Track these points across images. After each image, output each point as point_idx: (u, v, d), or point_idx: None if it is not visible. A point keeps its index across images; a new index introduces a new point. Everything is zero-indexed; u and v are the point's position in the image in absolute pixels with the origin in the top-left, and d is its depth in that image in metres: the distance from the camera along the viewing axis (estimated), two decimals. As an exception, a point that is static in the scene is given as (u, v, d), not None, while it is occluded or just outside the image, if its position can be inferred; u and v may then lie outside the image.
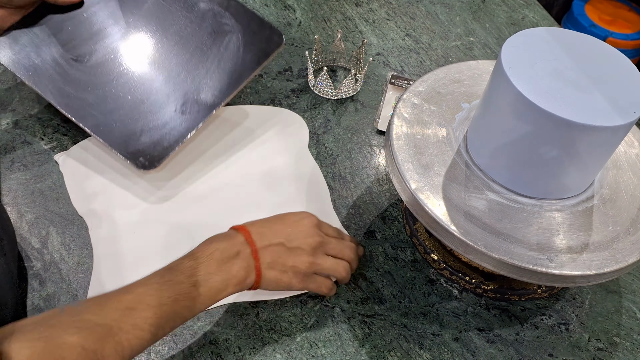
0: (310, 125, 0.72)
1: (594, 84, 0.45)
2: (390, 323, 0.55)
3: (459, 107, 0.56)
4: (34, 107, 0.71)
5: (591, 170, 0.49)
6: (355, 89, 0.76)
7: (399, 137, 0.53)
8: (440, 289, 0.58)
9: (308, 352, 0.53)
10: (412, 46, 0.85)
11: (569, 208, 0.50)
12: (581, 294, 0.59)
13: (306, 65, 0.80)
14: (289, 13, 0.89)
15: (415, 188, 0.49)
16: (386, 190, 0.66)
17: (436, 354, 0.54)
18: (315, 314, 0.55)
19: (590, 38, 0.49)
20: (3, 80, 0.74)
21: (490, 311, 0.57)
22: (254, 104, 0.74)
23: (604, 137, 0.44)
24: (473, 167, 0.52)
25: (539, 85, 0.44)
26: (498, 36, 0.89)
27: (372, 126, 0.73)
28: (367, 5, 0.92)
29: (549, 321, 0.57)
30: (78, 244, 0.59)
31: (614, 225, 0.49)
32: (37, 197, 0.62)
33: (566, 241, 0.47)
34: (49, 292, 0.55)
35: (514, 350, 0.54)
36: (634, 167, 0.54)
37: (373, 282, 0.58)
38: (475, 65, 0.60)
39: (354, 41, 0.85)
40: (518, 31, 0.49)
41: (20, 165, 0.65)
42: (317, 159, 0.68)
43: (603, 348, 0.55)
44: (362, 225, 0.63)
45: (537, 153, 0.46)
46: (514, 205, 0.49)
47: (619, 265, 0.46)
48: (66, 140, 0.68)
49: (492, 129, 0.49)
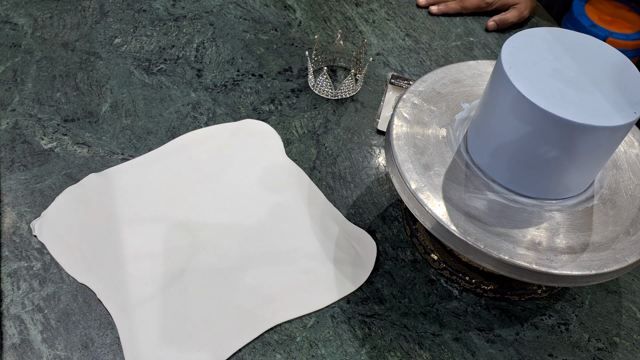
0: (310, 125, 0.72)
1: (594, 84, 0.45)
2: (390, 323, 0.55)
3: (459, 107, 0.56)
4: (34, 107, 0.71)
5: (591, 170, 0.49)
6: (355, 89, 0.76)
7: (399, 137, 0.53)
8: (440, 289, 0.58)
9: (308, 352, 0.53)
10: (412, 46, 0.85)
11: (569, 208, 0.50)
12: (581, 294, 0.59)
13: (306, 65, 0.80)
14: (289, 13, 0.89)
15: (415, 188, 0.49)
16: (386, 190, 0.66)
17: (436, 354, 0.54)
18: (315, 314, 0.55)
19: (590, 38, 0.49)
20: (3, 80, 0.74)
21: (490, 311, 0.57)
22: (254, 104, 0.74)
23: (604, 137, 0.44)
24: (473, 167, 0.52)
25: (539, 85, 0.44)
26: (498, 36, 0.89)
27: (372, 126, 0.73)
28: (367, 5, 0.92)
29: (549, 321, 0.57)
30: (78, 244, 0.59)
31: (614, 225, 0.49)
32: (37, 197, 0.62)
33: (566, 241, 0.47)
34: (49, 292, 0.55)
35: (514, 350, 0.54)
36: (634, 167, 0.54)
37: (373, 282, 0.58)
38: (475, 65, 0.60)
39: (354, 41, 0.85)
40: (518, 31, 0.49)
41: (20, 165, 0.65)
42: (317, 159, 0.68)
43: (603, 348, 0.55)
44: (362, 225, 0.62)
45: (537, 153, 0.46)
46: (514, 205, 0.49)
47: (619, 265, 0.46)
48: (66, 140, 0.68)
49: (492, 129, 0.49)
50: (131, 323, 0.53)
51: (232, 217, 0.62)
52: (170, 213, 0.61)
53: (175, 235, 0.60)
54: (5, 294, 0.54)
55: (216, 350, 0.52)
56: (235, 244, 0.59)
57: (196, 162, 0.67)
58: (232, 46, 0.82)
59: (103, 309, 0.54)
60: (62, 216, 0.60)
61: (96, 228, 0.59)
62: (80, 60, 0.78)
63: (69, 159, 0.66)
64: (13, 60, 0.77)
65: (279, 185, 0.65)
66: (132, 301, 0.54)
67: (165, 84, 0.76)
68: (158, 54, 0.80)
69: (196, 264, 0.57)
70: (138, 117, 0.71)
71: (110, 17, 0.85)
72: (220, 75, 0.78)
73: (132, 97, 0.74)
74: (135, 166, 0.66)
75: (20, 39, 0.80)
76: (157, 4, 0.88)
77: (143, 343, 0.52)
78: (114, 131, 0.69)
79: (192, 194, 0.63)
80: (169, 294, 0.55)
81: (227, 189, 0.64)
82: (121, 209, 0.61)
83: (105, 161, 0.66)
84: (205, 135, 0.70)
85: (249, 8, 0.89)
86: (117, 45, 0.81)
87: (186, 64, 0.79)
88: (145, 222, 0.60)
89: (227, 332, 0.53)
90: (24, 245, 0.58)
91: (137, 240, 0.59)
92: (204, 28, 0.85)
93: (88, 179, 0.64)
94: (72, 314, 0.53)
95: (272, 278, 0.57)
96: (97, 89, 0.74)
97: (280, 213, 0.62)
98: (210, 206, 0.63)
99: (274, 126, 0.72)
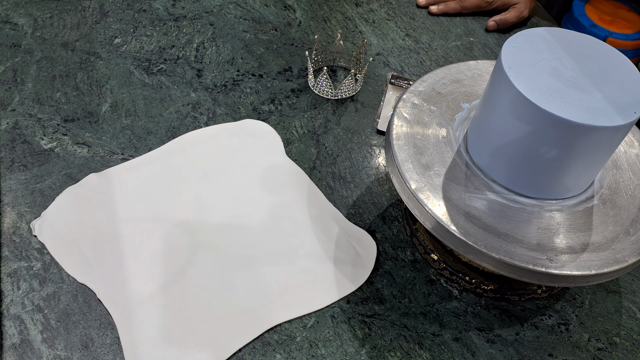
0: (310, 125, 0.72)
1: (594, 84, 0.45)
2: (390, 323, 0.55)
3: (459, 107, 0.56)
4: (34, 107, 0.71)
5: (591, 171, 0.49)
6: (355, 89, 0.76)
7: (399, 137, 0.53)
8: (440, 289, 0.58)
9: (308, 352, 0.53)
10: (412, 46, 0.85)
11: (569, 208, 0.50)
12: (581, 294, 0.59)
13: (306, 65, 0.80)
14: (289, 13, 0.89)
15: (415, 188, 0.49)
16: (386, 190, 0.66)
17: (436, 354, 0.54)
18: (315, 314, 0.55)
19: (590, 38, 0.49)
20: (3, 80, 0.74)
21: (490, 311, 0.57)
22: (254, 104, 0.74)
23: (604, 137, 0.44)
24: (473, 167, 0.52)
25: (539, 85, 0.44)
26: (498, 36, 0.89)
27: (372, 126, 0.73)
28: (367, 5, 0.92)
29: (549, 321, 0.57)
30: (78, 244, 0.59)
31: (614, 225, 0.49)
32: (37, 197, 0.62)
33: (566, 241, 0.47)
34: (49, 292, 0.55)
35: (514, 350, 0.54)
36: (634, 167, 0.54)
37: (373, 282, 0.58)
38: (475, 65, 0.60)
39: (354, 41, 0.85)
40: (518, 31, 0.49)
41: (20, 165, 0.65)
42: (317, 159, 0.68)
43: (603, 348, 0.55)
44: (362, 225, 0.62)
45: (537, 153, 0.46)
46: (514, 205, 0.49)
47: (619, 265, 0.46)
48: (66, 140, 0.68)
49: (492, 129, 0.49)
50: (131, 323, 0.53)
51: (232, 217, 0.62)
52: (170, 213, 0.61)
53: (175, 235, 0.60)
54: (5, 294, 0.54)
55: (216, 350, 0.52)
56: (235, 244, 0.59)
57: (196, 162, 0.67)
58: (232, 46, 0.82)
59: (103, 309, 0.54)
60: (62, 216, 0.60)
61: (96, 228, 0.59)
62: (80, 60, 0.78)
63: (69, 159, 0.66)
64: (13, 60, 0.77)
65: (279, 185, 0.65)
66: (132, 301, 0.54)
67: (165, 84, 0.76)
68: (158, 54, 0.80)
69: (196, 264, 0.57)
70: (138, 117, 0.71)
71: (110, 17, 0.85)
72: (220, 75, 0.78)
73: (132, 97, 0.74)
74: (135, 166, 0.66)
75: (20, 39, 0.80)
76: (157, 4, 0.88)
77: (143, 343, 0.52)
78: (114, 131, 0.69)
79: (192, 193, 0.63)
80: (169, 293, 0.55)
81: (227, 189, 0.64)
82: (121, 209, 0.61)
83: (105, 161, 0.66)
84: (205, 135, 0.70)
85: (249, 8, 0.89)
86: (117, 45, 0.81)
87: (186, 64, 0.79)
88: (145, 222, 0.60)
89: (227, 332, 0.53)
90: (24, 245, 0.58)
91: (137, 240, 0.59)
92: (204, 28, 0.85)
93: (88, 179, 0.64)
94: (72, 314, 0.53)
95: (272, 278, 0.57)
96: (97, 89, 0.74)
97: (280, 213, 0.62)
98: (210, 206, 0.63)
99: (274, 126, 0.72)
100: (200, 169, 0.66)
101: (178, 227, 0.60)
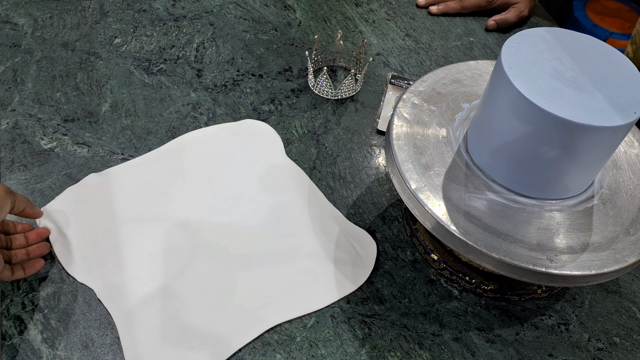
0: (310, 125, 0.72)
1: (594, 84, 0.45)
2: (390, 323, 0.55)
3: (459, 107, 0.56)
4: (34, 107, 0.71)
5: (591, 171, 0.49)
6: (355, 89, 0.76)
7: (399, 137, 0.53)
8: (440, 289, 0.58)
9: (308, 352, 0.53)
10: (412, 46, 0.85)
11: (569, 208, 0.50)
12: (581, 294, 0.59)
13: (306, 65, 0.80)
14: (289, 13, 0.89)
15: (415, 188, 0.49)
16: (386, 190, 0.66)
17: (436, 354, 0.54)
18: (315, 314, 0.55)
19: (590, 38, 0.49)
20: (3, 80, 0.74)
21: (490, 311, 0.57)
22: (254, 104, 0.74)
23: (604, 137, 0.44)
24: (473, 167, 0.52)
25: (539, 85, 0.44)
26: (498, 36, 0.89)
27: (372, 126, 0.73)
28: (367, 5, 0.92)
29: (549, 321, 0.57)
30: (78, 244, 0.59)
31: (614, 225, 0.49)
32: (37, 197, 0.62)
33: (566, 241, 0.47)
34: (49, 292, 0.55)
35: (514, 350, 0.54)
36: (634, 167, 0.54)
37: (373, 282, 0.58)
38: (475, 65, 0.60)
39: (354, 41, 0.85)
40: (518, 31, 0.49)
41: (20, 165, 0.65)
42: (317, 159, 0.68)
43: (603, 348, 0.55)
44: (362, 225, 0.62)
45: (537, 153, 0.46)
46: (514, 205, 0.49)
47: (619, 265, 0.46)
48: (66, 140, 0.68)
49: (492, 129, 0.49)
50: (131, 323, 0.53)
51: (232, 217, 0.62)
52: (170, 213, 0.61)
53: (175, 235, 0.60)
54: (5, 294, 0.54)
55: (216, 350, 0.52)
56: (235, 244, 0.59)
57: (196, 162, 0.67)
58: (232, 46, 0.82)
59: (103, 309, 0.54)
60: (62, 216, 0.60)
61: (96, 228, 0.59)
62: (80, 60, 0.78)
63: (69, 159, 0.66)
64: (13, 60, 0.77)
65: (279, 185, 0.65)
66: (132, 301, 0.54)
67: (165, 84, 0.76)
68: (158, 54, 0.80)
69: (196, 264, 0.57)
70: (138, 117, 0.71)
71: (110, 17, 0.85)
72: (220, 75, 0.78)
73: (132, 97, 0.74)
74: (135, 166, 0.66)
75: (20, 39, 0.80)
76: (157, 4, 0.88)
77: (143, 343, 0.52)
78: (114, 131, 0.69)
79: (192, 193, 0.63)
80: (169, 293, 0.55)
81: (227, 189, 0.64)
82: (121, 209, 0.61)
83: (105, 161, 0.66)
84: (205, 135, 0.70)
85: (249, 8, 0.89)
86: (117, 45, 0.81)
87: (186, 64, 0.79)
88: (145, 222, 0.60)
89: (227, 332, 0.53)
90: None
91: (137, 240, 0.59)
92: (204, 28, 0.85)
93: (88, 179, 0.64)
94: (72, 314, 0.53)
95: (272, 278, 0.57)
96: (97, 89, 0.74)
97: (280, 213, 0.62)
98: (210, 206, 0.63)
99: (274, 126, 0.72)
100: (200, 169, 0.66)
101: (178, 227, 0.60)
